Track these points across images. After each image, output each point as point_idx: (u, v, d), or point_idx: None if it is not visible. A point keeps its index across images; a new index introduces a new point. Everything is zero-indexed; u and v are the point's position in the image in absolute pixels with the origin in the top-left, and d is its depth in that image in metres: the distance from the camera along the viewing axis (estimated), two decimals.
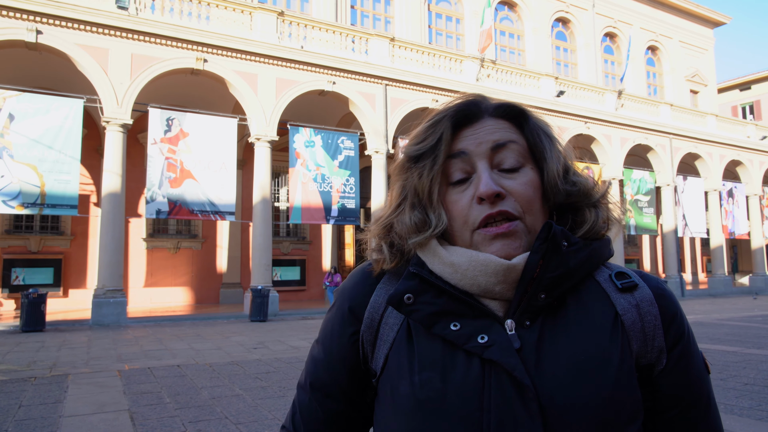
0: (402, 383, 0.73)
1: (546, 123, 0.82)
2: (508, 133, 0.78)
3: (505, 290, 0.73)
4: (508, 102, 0.81)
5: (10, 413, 4.88)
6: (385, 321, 0.79)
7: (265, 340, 9.85)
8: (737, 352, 7.94)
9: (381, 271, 0.82)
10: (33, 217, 15.63)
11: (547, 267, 0.72)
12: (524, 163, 0.77)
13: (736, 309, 15.99)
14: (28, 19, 11.65)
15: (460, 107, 0.80)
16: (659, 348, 0.74)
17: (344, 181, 15.38)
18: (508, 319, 0.73)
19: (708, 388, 0.78)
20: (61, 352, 8.49)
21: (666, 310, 0.76)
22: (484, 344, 0.70)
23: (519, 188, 0.75)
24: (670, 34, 28.16)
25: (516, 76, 19.03)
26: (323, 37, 15.37)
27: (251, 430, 4.36)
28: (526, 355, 0.70)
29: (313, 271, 19.68)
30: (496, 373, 0.69)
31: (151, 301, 16.79)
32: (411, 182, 0.79)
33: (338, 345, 0.81)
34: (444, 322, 0.73)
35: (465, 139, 0.78)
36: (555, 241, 0.72)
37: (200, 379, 6.33)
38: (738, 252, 31.98)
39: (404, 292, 0.75)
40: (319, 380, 0.82)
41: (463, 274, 0.73)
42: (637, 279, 0.78)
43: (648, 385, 0.74)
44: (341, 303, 0.84)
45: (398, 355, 0.75)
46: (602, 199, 0.81)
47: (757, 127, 27.12)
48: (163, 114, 13.20)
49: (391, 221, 0.81)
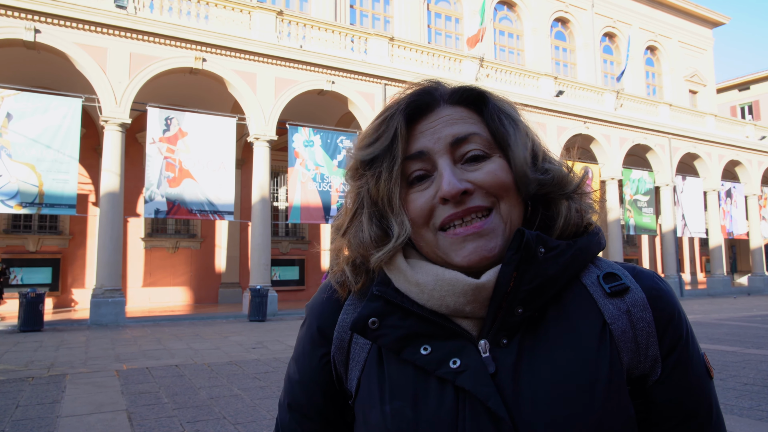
0: (372, 412, 0.68)
1: (509, 104, 0.74)
2: (468, 124, 0.70)
3: (477, 309, 0.66)
4: (463, 86, 0.74)
5: (8, 413, 4.86)
6: (356, 341, 0.73)
7: (263, 339, 9.84)
8: (737, 352, 7.93)
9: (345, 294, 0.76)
10: (31, 217, 15.60)
11: (522, 279, 0.65)
12: (490, 154, 0.70)
13: (735, 309, 16.00)
14: (27, 18, 11.62)
15: (411, 98, 0.72)
16: (653, 357, 0.66)
17: (343, 181, 15.34)
18: (482, 339, 0.66)
19: (709, 395, 0.69)
20: (59, 351, 8.47)
21: (661, 313, 0.68)
22: (455, 370, 0.64)
23: (487, 177, 0.67)
24: (669, 34, 28.18)
25: (515, 75, 19.04)
26: (322, 37, 15.36)
27: (249, 430, 4.34)
28: (503, 379, 0.63)
29: (312, 271, 19.67)
30: (470, 402, 0.63)
31: (149, 301, 16.77)
32: (365, 189, 0.72)
33: (310, 366, 0.77)
34: (413, 347, 0.67)
35: (422, 135, 0.70)
36: (529, 249, 0.65)
37: (199, 379, 6.31)
38: (737, 252, 32.02)
39: (368, 316, 0.68)
40: (295, 400, 0.78)
41: (430, 294, 0.67)
42: (628, 280, 0.69)
43: (641, 396, 0.67)
44: (310, 322, 0.78)
45: (369, 379, 0.70)
46: (578, 189, 0.72)
47: (756, 127, 27.14)
48: (162, 113, 13.18)
49: (349, 237, 0.74)
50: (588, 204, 0.74)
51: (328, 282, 0.80)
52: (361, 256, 0.73)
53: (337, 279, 0.77)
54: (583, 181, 0.74)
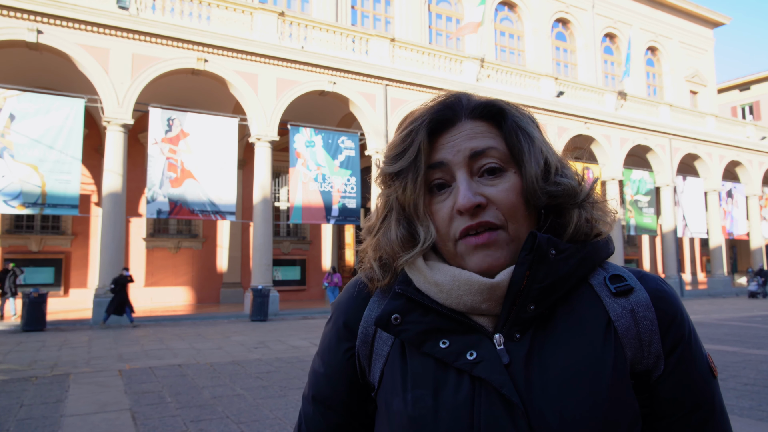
0: (395, 400, 0.72)
1: (527, 119, 0.78)
2: (486, 138, 0.75)
3: (492, 307, 0.72)
4: (485, 101, 0.77)
5: (12, 412, 4.89)
6: (379, 335, 0.78)
7: (265, 339, 9.86)
8: (737, 352, 7.95)
9: (374, 288, 0.81)
10: (34, 217, 15.64)
11: (535, 278, 0.70)
12: (506, 168, 0.74)
13: (735, 309, 16.01)
14: (29, 19, 11.66)
15: (434, 114, 0.76)
16: (656, 354, 0.71)
17: (345, 181, 15.39)
18: (497, 333, 0.71)
19: (712, 393, 0.73)
20: (62, 351, 8.50)
21: (664, 313, 0.72)
22: (472, 361, 0.69)
23: (500, 196, 0.72)
24: (669, 35, 28.17)
25: (516, 76, 19.05)
26: (324, 38, 15.39)
27: (252, 429, 4.37)
28: (516, 370, 0.68)
29: (313, 271, 19.69)
30: (485, 390, 0.68)
31: (151, 301, 16.80)
32: (394, 196, 0.78)
33: (335, 360, 0.81)
34: (433, 341, 0.72)
35: (443, 148, 0.75)
36: (541, 251, 0.70)
37: (201, 379, 6.34)
38: (737, 252, 32.00)
39: (391, 312, 0.74)
40: (320, 393, 0.82)
41: (448, 293, 0.72)
42: (633, 281, 0.74)
43: (645, 392, 0.71)
44: (336, 317, 0.83)
45: (392, 370, 0.75)
46: (587, 199, 0.77)
47: (757, 127, 27.13)
48: (164, 114, 13.21)
49: (378, 237, 0.79)
50: (600, 215, 0.78)
51: (355, 279, 0.85)
52: (388, 255, 0.78)
53: (368, 275, 0.82)
54: (591, 190, 0.78)
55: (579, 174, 0.79)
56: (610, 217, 0.79)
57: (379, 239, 0.79)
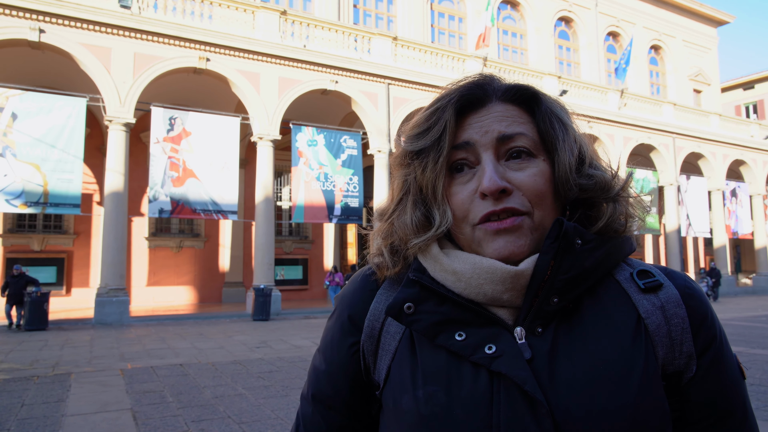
0: (405, 397, 0.68)
1: (562, 107, 0.75)
2: (517, 122, 0.71)
3: (514, 297, 0.68)
4: (518, 85, 0.73)
5: (13, 412, 4.87)
6: (386, 330, 0.73)
7: (267, 339, 9.84)
8: (742, 352, 7.90)
9: (383, 276, 0.77)
10: (36, 216, 15.65)
11: (559, 268, 0.66)
12: (535, 154, 0.70)
13: (740, 309, 15.94)
14: (31, 18, 11.66)
15: (464, 92, 0.72)
16: (688, 354, 0.67)
17: (347, 180, 15.37)
18: (518, 326, 0.67)
19: (743, 396, 0.70)
20: (63, 350, 8.49)
21: (695, 311, 0.69)
22: (491, 355, 0.65)
23: (527, 181, 0.68)
24: (673, 33, 28.07)
25: (518, 75, 18.99)
26: (326, 36, 15.36)
27: (254, 429, 4.34)
28: (538, 365, 0.64)
29: (315, 271, 19.68)
30: (505, 386, 0.63)
31: (153, 300, 16.80)
32: (413, 177, 0.74)
33: (339, 355, 0.77)
34: (448, 332, 0.67)
35: (470, 127, 0.71)
36: (567, 239, 0.66)
37: (203, 379, 6.32)
38: (741, 252, 31.88)
39: (404, 300, 0.69)
40: (321, 392, 0.77)
41: (467, 282, 0.68)
42: (661, 277, 0.71)
43: (676, 395, 0.68)
44: (341, 311, 0.79)
45: (401, 366, 0.70)
46: (621, 192, 0.73)
47: (761, 126, 27.01)
48: (166, 113, 13.20)
49: (392, 221, 0.75)
50: (632, 213, 0.75)
51: (361, 271, 0.81)
52: (401, 239, 0.74)
53: (376, 261, 0.77)
54: (626, 184, 0.74)
55: (612, 168, 0.76)
56: (646, 214, 0.76)
57: (392, 223, 0.75)
